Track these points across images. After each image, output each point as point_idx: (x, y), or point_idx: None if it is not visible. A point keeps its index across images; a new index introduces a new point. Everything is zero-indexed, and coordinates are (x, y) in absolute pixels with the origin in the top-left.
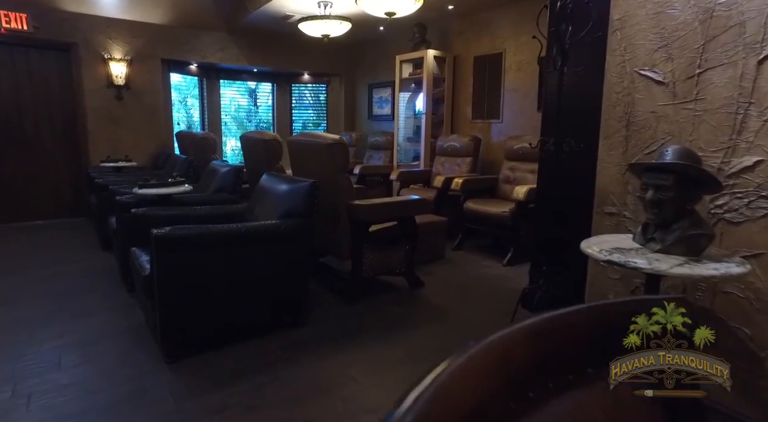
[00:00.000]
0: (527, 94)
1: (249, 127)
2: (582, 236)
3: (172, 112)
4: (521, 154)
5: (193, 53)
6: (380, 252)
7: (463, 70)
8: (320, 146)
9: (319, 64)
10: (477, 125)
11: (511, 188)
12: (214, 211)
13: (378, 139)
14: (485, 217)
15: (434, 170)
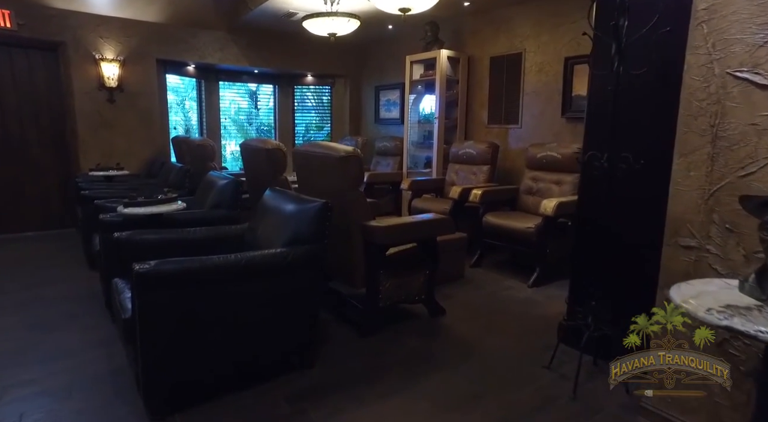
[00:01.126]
0: (550, 97)
1: (249, 130)
2: (642, 269)
3: (168, 116)
4: (545, 163)
5: (191, 53)
6: (398, 278)
7: (478, 71)
8: (332, 159)
9: (322, 65)
10: (493, 130)
11: (534, 200)
12: (210, 233)
13: (386, 145)
14: (508, 233)
15: (448, 179)
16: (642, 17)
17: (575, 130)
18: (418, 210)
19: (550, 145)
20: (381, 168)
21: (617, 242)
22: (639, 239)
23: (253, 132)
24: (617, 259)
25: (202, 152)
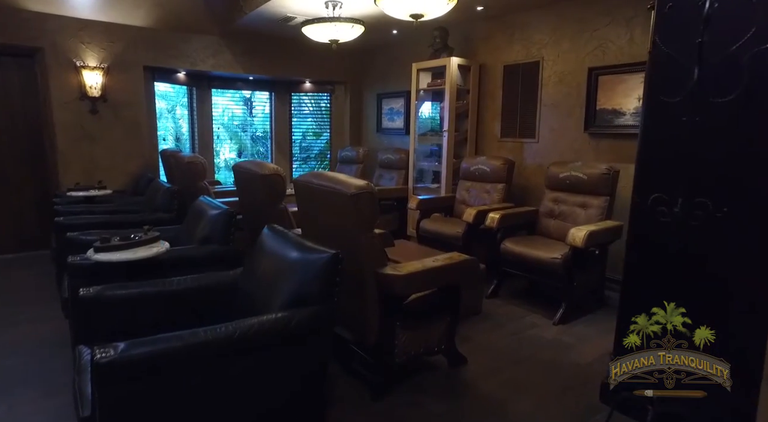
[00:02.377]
0: (571, 111)
1: (244, 137)
2: (735, 342)
3: (156, 127)
4: (569, 184)
5: (181, 60)
6: (415, 330)
7: (490, 80)
8: (341, 196)
9: (321, 71)
10: (506, 144)
11: (556, 225)
12: (198, 284)
13: (390, 157)
14: (530, 262)
15: (458, 197)
16: (730, 31)
17: (599, 147)
18: (429, 232)
19: (574, 165)
20: (384, 182)
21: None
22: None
23: (248, 139)
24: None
25: (192, 170)
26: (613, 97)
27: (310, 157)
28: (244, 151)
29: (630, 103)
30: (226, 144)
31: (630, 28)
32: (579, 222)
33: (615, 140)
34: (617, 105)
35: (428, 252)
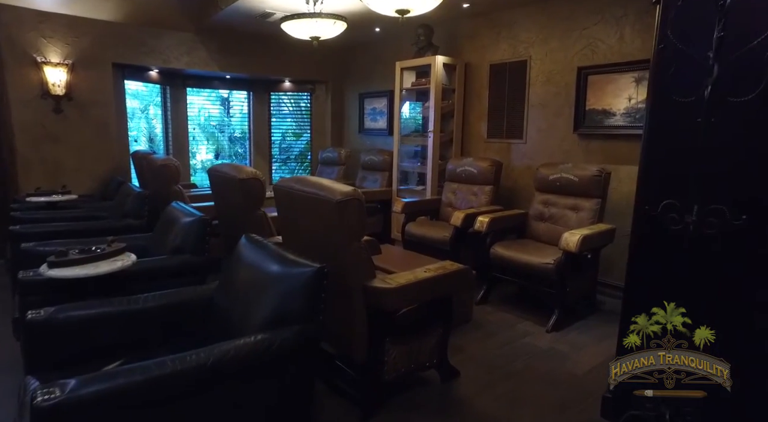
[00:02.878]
0: (559, 111)
1: (221, 138)
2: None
3: (127, 128)
4: (559, 186)
5: (153, 57)
6: (406, 345)
7: (476, 80)
8: (326, 203)
9: (301, 70)
10: (493, 145)
11: (546, 228)
12: (168, 301)
13: (373, 158)
14: (522, 268)
15: (444, 199)
16: (748, 25)
17: (589, 148)
18: (415, 236)
19: (564, 166)
20: (368, 184)
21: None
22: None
23: (225, 141)
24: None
25: (165, 173)
26: (603, 97)
27: (290, 158)
28: (221, 152)
29: (620, 103)
30: (202, 145)
31: (620, 27)
32: (570, 225)
33: (605, 141)
34: (607, 105)
35: (416, 259)
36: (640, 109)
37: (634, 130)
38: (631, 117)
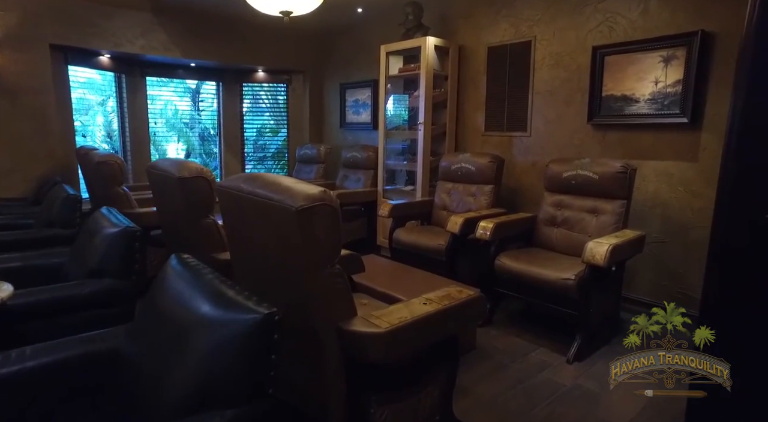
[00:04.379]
0: (570, 98)
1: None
2: None
3: (72, 121)
4: (575, 185)
5: (102, 39)
6: (399, 402)
7: (472, 65)
8: (284, 211)
9: (276, 58)
10: (492, 139)
11: (560, 234)
12: (50, 358)
13: (355, 155)
14: (534, 283)
15: (437, 201)
16: None
17: (606, 141)
18: (404, 244)
19: (582, 162)
20: (350, 184)
21: None
22: None
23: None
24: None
25: (104, 172)
26: (623, 80)
27: (267, 156)
28: (192, 151)
29: (644, 87)
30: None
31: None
32: (589, 231)
33: (625, 132)
34: (628, 90)
35: (406, 273)
36: (669, 94)
37: (662, 119)
38: (658, 103)
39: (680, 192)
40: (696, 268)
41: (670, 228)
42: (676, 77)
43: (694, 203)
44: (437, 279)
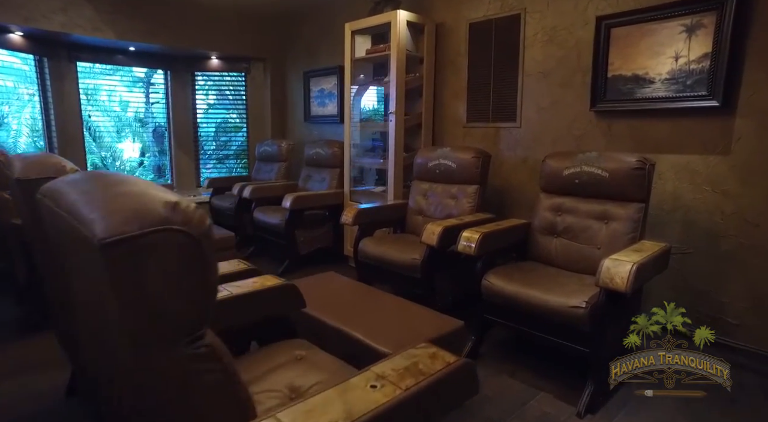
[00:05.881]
0: (568, 80)
1: (143, 133)
2: None
3: None
4: (578, 184)
5: (7, 11)
6: None
7: (451, 45)
8: (85, 243)
9: (231, 44)
10: (475, 131)
11: (561, 245)
12: None
13: (319, 152)
14: (534, 311)
15: (412, 204)
16: None
17: (612, 131)
18: (372, 257)
19: (586, 156)
20: (313, 185)
21: None
22: None
23: (148, 135)
24: None
25: None
26: (634, 57)
27: (230, 155)
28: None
29: (661, 64)
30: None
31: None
32: (598, 241)
33: (636, 120)
34: (640, 69)
35: (370, 300)
36: (694, 72)
37: (683, 102)
38: (679, 84)
39: (707, 192)
40: (729, 286)
41: (693, 236)
42: (703, 50)
43: (725, 206)
44: (408, 307)
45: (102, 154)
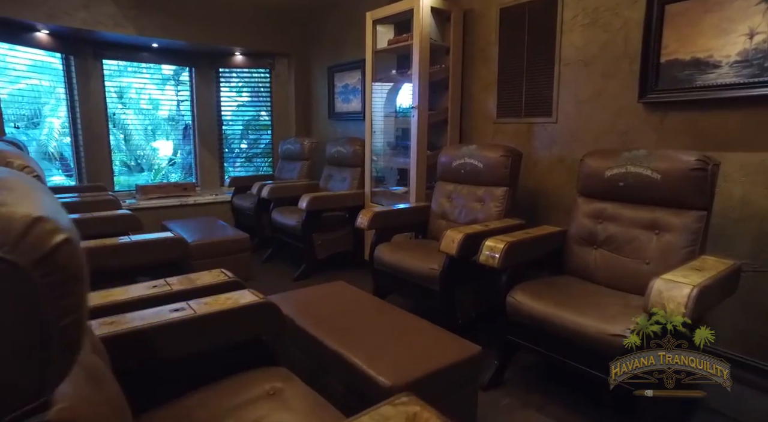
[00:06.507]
0: (612, 69)
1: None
2: None
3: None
4: (623, 187)
5: (30, 8)
6: None
7: (480, 33)
8: None
9: (256, 39)
10: (506, 128)
11: (604, 261)
12: None
13: (341, 150)
14: (567, 336)
15: (435, 207)
16: None
17: (665, 126)
18: (387, 265)
19: (634, 155)
20: (334, 185)
21: None
22: None
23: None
24: None
25: None
26: (694, 37)
27: (258, 154)
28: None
29: (729, 44)
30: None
31: None
32: (647, 255)
33: (696, 112)
34: (702, 51)
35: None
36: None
37: (759, 89)
38: (754, 66)
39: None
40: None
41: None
42: None
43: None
44: (422, 326)
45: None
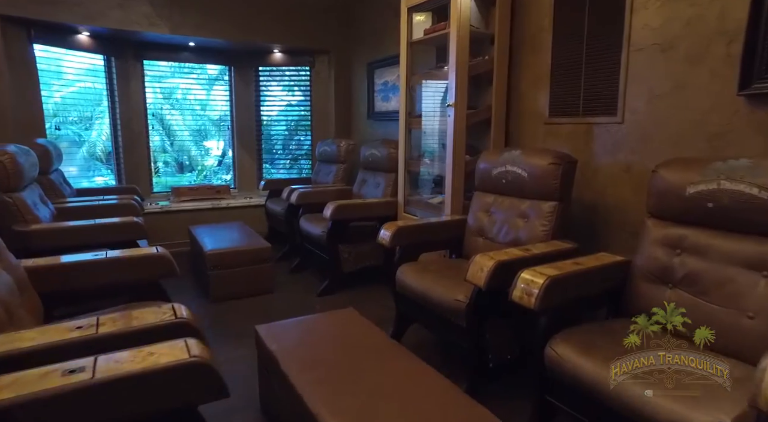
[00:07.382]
0: (700, 53)
1: (219, 136)
2: None
3: (42, 110)
4: (712, 209)
5: (68, 10)
6: None
7: (530, 18)
8: None
9: (295, 35)
10: (560, 129)
11: (676, 298)
12: None
13: (375, 153)
14: (629, 413)
15: (471, 222)
16: None
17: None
18: (410, 290)
19: (731, 165)
20: (368, 191)
21: None
22: None
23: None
24: None
25: None
26: None
27: (301, 155)
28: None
29: None
30: (213, 140)
31: None
32: (751, 304)
33: None
34: None
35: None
36: None
37: None
38: None
39: None
40: None
41: None
42: None
43: None
44: (429, 382)
45: (188, 153)
